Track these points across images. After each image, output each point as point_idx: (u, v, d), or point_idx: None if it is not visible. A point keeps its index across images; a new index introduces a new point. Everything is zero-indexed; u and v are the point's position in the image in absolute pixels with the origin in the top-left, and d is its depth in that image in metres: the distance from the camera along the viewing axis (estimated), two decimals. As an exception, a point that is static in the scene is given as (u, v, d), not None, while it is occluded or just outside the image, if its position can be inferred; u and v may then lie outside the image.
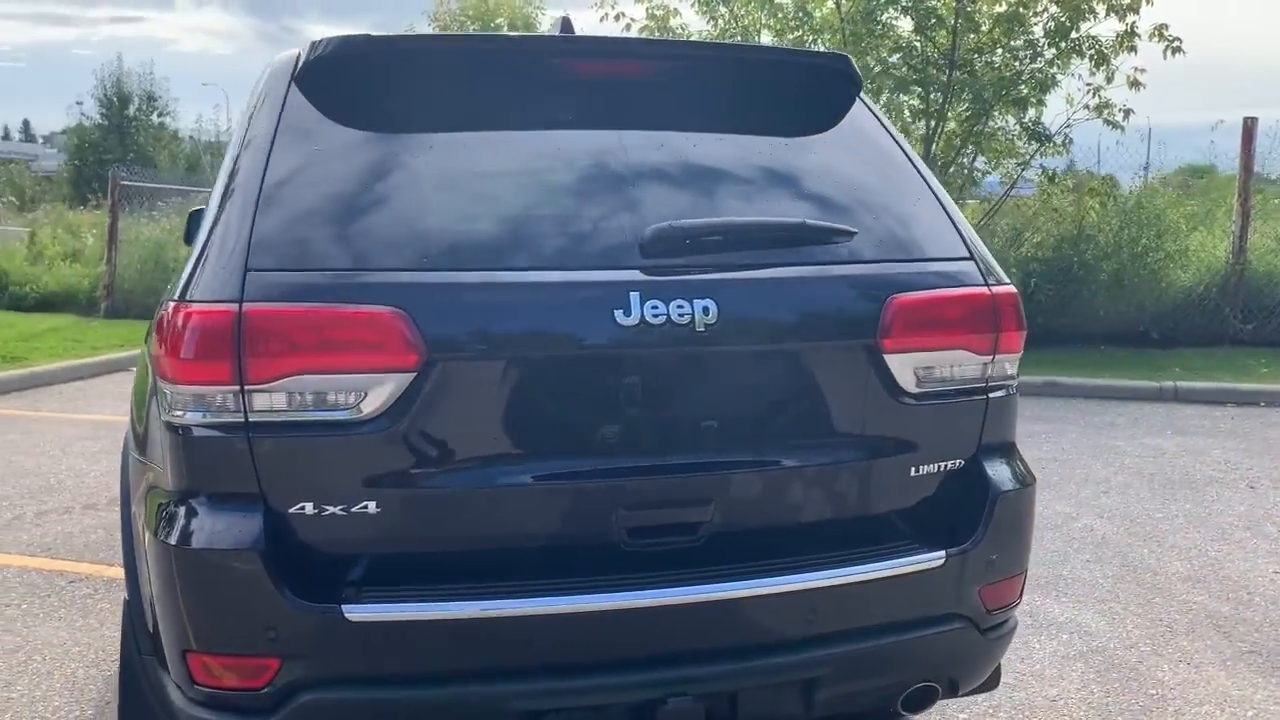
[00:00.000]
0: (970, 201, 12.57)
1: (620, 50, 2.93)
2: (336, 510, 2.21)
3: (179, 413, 2.20)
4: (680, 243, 2.32)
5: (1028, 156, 11.97)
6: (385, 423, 2.19)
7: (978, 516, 2.58)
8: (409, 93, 2.54)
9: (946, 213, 2.70)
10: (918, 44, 11.28)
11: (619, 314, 2.25)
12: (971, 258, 2.63)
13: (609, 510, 2.32)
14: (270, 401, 2.16)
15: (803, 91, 2.85)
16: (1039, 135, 11.47)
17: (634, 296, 2.26)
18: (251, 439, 2.17)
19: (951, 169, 12.01)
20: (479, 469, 2.28)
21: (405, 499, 2.24)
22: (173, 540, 2.20)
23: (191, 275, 2.25)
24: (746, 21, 11.91)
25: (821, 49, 10.99)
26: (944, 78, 11.11)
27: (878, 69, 11.06)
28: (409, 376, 2.18)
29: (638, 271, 2.31)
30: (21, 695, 3.72)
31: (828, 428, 2.49)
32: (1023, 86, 11.22)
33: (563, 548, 2.35)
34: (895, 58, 11.31)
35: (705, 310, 2.29)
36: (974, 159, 12.32)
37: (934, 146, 11.61)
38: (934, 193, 2.72)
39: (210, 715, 2.25)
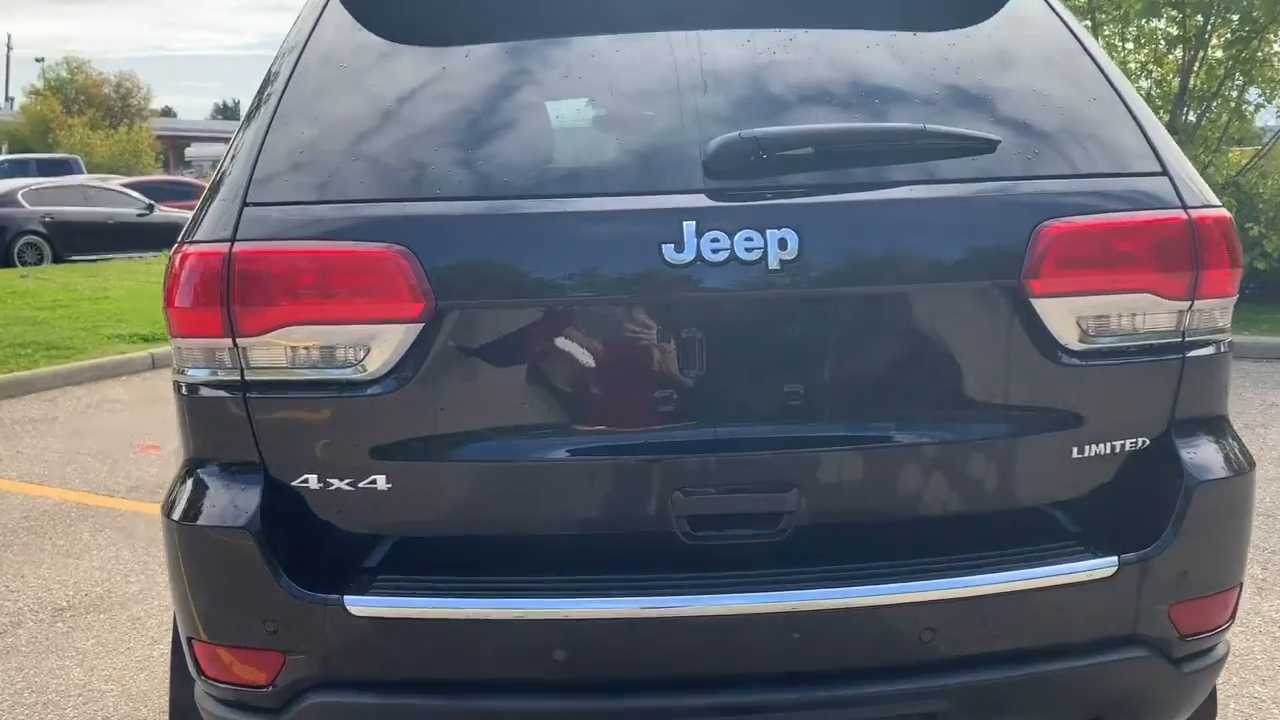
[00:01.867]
0: (1232, 149, 10.99)
1: None
2: (343, 485, 1.89)
3: (179, 370, 1.94)
4: (753, 157, 1.84)
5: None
6: (393, 383, 1.84)
7: (1166, 513, 1.96)
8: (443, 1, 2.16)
9: (1133, 115, 2.06)
10: (1173, -39, 9.91)
11: (669, 250, 1.80)
12: (1164, 172, 1.99)
13: (664, 494, 1.89)
14: (266, 357, 1.87)
15: None
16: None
17: (688, 227, 1.80)
18: (249, 400, 1.88)
19: (1215, 103, 10.54)
20: (504, 441, 1.90)
21: (419, 474, 1.89)
22: (171, 515, 1.95)
23: (198, 213, 1.98)
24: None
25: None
26: (1205, -4, 9.71)
27: (1124, -8, 9.80)
28: (416, 328, 1.82)
29: (697, 196, 1.85)
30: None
31: (954, 394, 1.95)
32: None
33: (608, 539, 1.94)
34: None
35: (782, 243, 1.80)
36: (1243, 90, 10.75)
37: (1193, 78, 10.21)
38: (1117, 91, 2.09)
39: (220, 710, 2.00)
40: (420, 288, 1.80)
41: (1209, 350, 2.03)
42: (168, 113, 71.24)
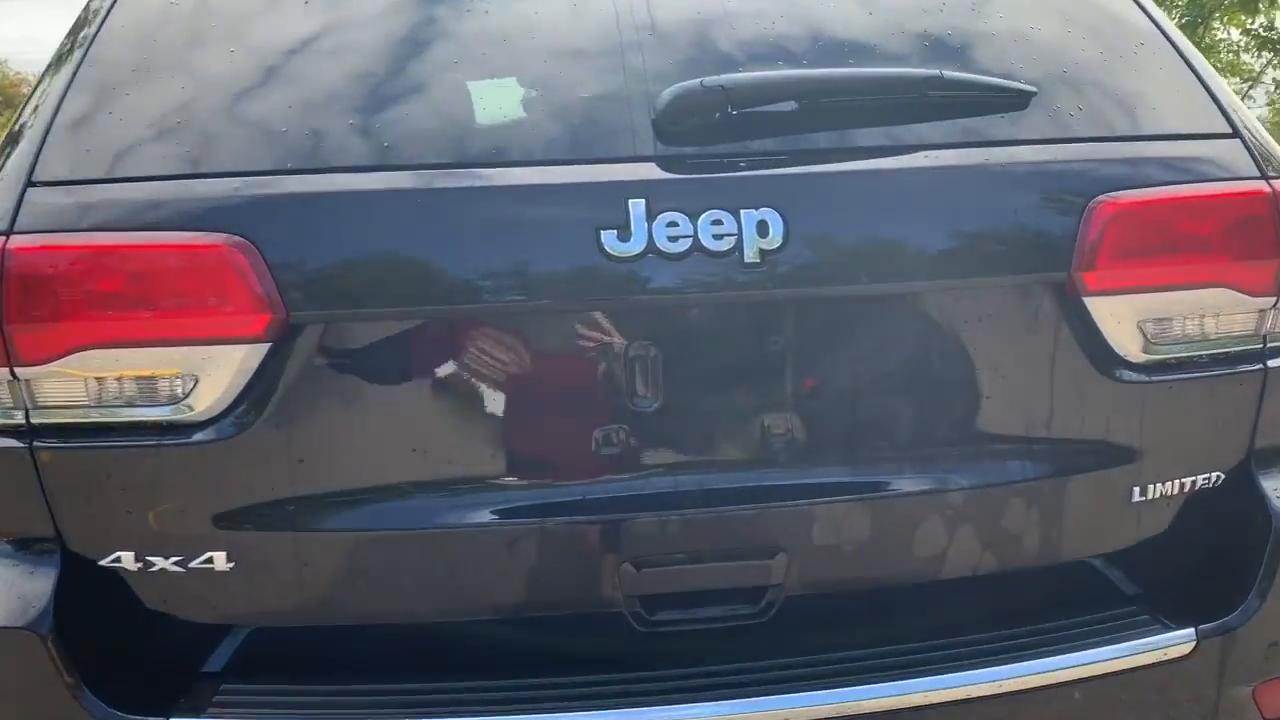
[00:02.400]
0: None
1: None
2: (169, 565, 1.39)
3: None
4: (719, 113, 1.37)
5: (1256, 71, 10.15)
6: (230, 426, 1.35)
7: (1251, 566, 1.54)
8: None
9: (1192, 68, 1.63)
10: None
11: (609, 237, 1.32)
12: (1235, 134, 1.56)
13: (609, 568, 1.42)
14: (59, 392, 1.36)
15: None
16: (1271, 43, 9.62)
17: (635, 208, 1.33)
18: (36, 452, 1.37)
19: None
20: (387, 502, 1.41)
21: (273, 548, 1.41)
22: None
23: None
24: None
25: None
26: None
27: None
28: (261, 349, 1.33)
29: (646, 165, 1.38)
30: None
31: (986, 425, 1.50)
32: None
33: (534, 630, 1.47)
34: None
35: (762, 228, 1.34)
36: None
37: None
38: (1170, 39, 1.66)
39: None
40: (266, 294, 1.31)
41: (1295, 360, 1.60)
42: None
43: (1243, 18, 9.76)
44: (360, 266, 1.34)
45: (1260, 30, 9.73)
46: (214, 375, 1.33)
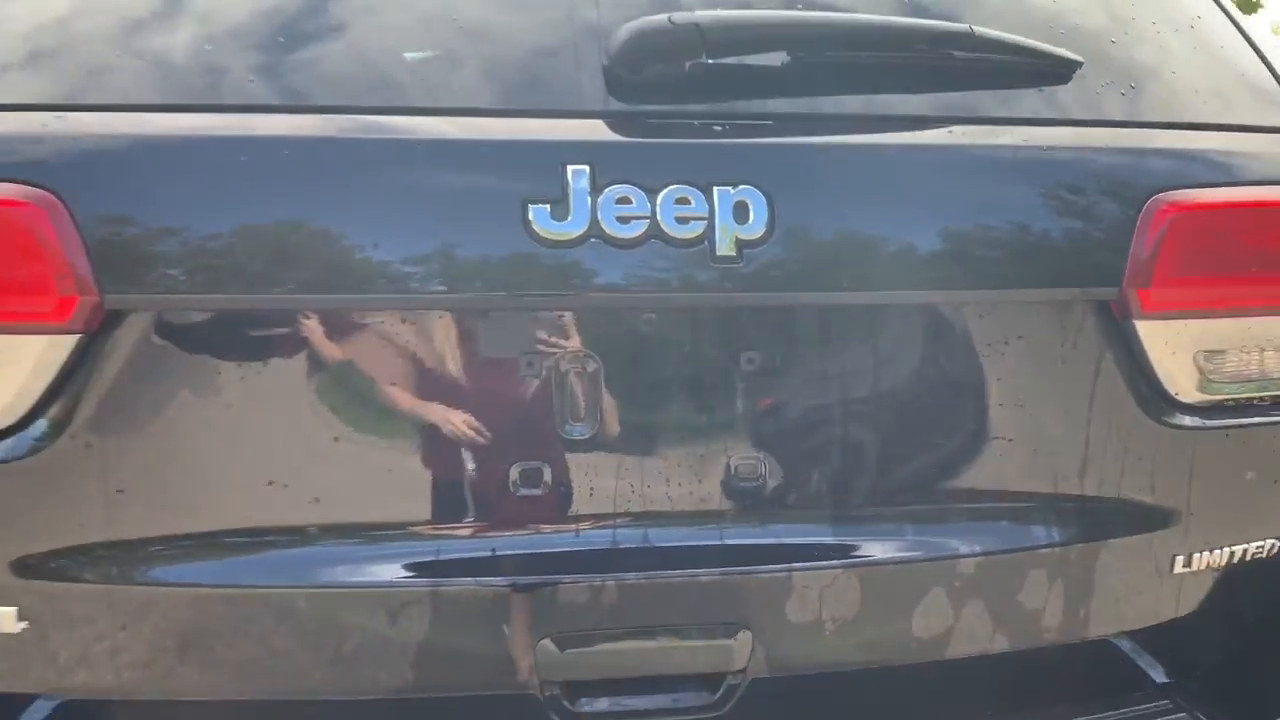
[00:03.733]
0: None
1: None
2: (-57, 622, 1.04)
3: None
4: (690, 61, 1.06)
5: None
6: (24, 442, 1.01)
7: None
8: None
9: (1256, 50, 1.36)
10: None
11: (539, 214, 1.01)
12: None
13: (523, 644, 1.10)
14: None
15: None
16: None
17: (575, 176, 1.02)
18: None
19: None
20: (236, 550, 1.08)
21: (82, 604, 1.06)
22: None
23: None
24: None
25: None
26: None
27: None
28: (67, 343, 1.00)
29: (592, 122, 1.07)
30: None
31: (1004, 477, 1.20)
32: None
33: (419, 716, 1.13)
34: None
35: (739, 211, 1.03)
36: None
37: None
38: (1232, 19, 1.39)
39: None
40: (75, 269, 0.98)
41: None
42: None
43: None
44: (209, 239, 1.00)
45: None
46: (4, 374, 1.00)
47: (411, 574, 1.09)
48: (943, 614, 1.18)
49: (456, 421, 1.08)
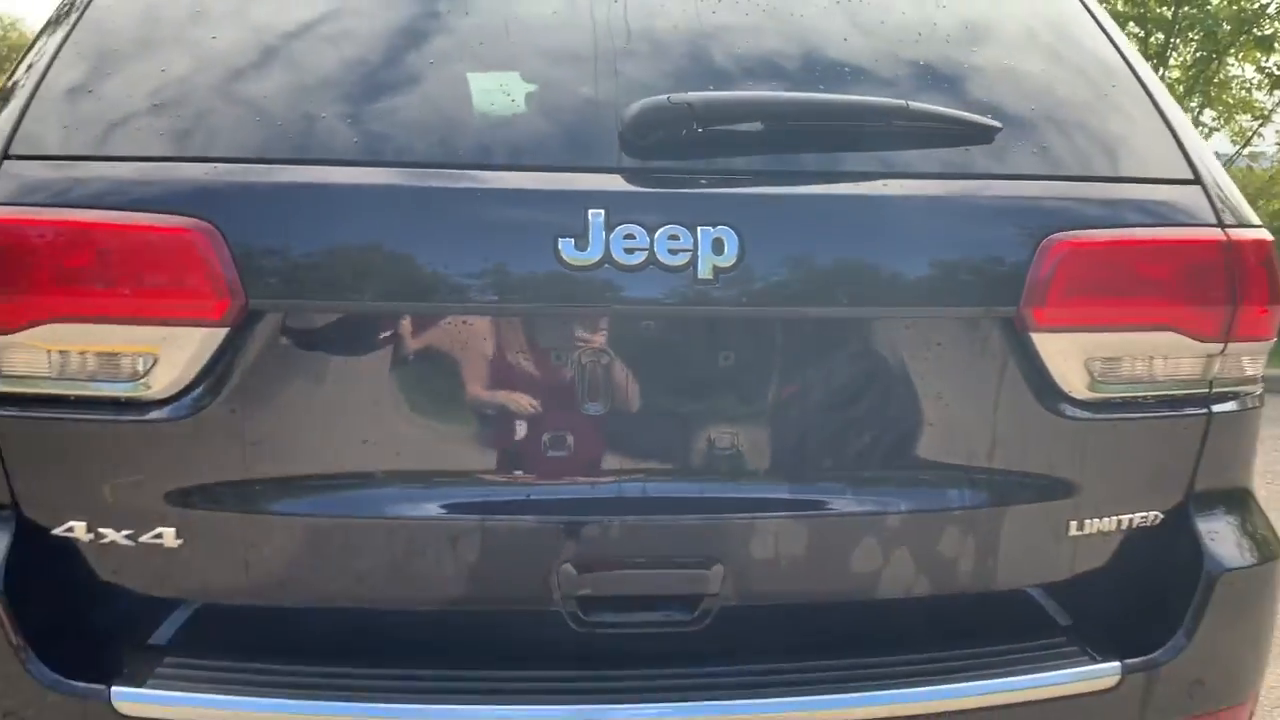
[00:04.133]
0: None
1: None
2: (119, 537, 1.42)
3: None
4: (685, 130, 1.40)
5: (1267, 110, 10.17)
6: (186, 405, 1.38)
7: (1181, 606, 1.57)
8: None
9: (1160, 112, 1.66)
10: (1140, -25, 9.67)
11: (566, 246, 1.35)
12: (1197, 180, 1.59)
13: (548, 567, 1.45)
14: (22, 362, 1.39)
15: None
16: (1283, 82, 9.68)
17: (594, 218, 1.36)
18: None
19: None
20: (336, 491, 1.45)
21: (223, 528, 1.43)
22: None
23: None
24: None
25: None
26: (1168, 14, 9.48)
27: (1088, 3, 9.55)
28: (219, 333, 1.36)
29: (610, 176, 1.41)
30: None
31: (927, 452, 1.53)
32: (1268, 22, 9.41)
33: (471, 623, 1.50)
34: (1112, -9, 9.74)
35: (718, 245, 1.37)
36: (1199, 112, 10.57)
37: (1152, 95, 10.02)
38: (1143, 83, 1.69)
39: None
40: (227, 279, 1.34)
41: (1238, 405, 1.64)
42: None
43: (1258, 55, 9.79)
44: (322, 259, 1.37)
45: (1275, 69, 9.76)
46: (172, 356, 1.36)
47: (467, 512, 1.44)
48: (875, 559, 1.51)
49: (502, 398, 1.44)
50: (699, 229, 1.37)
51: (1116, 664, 1.52)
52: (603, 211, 1.36)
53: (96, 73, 1.48)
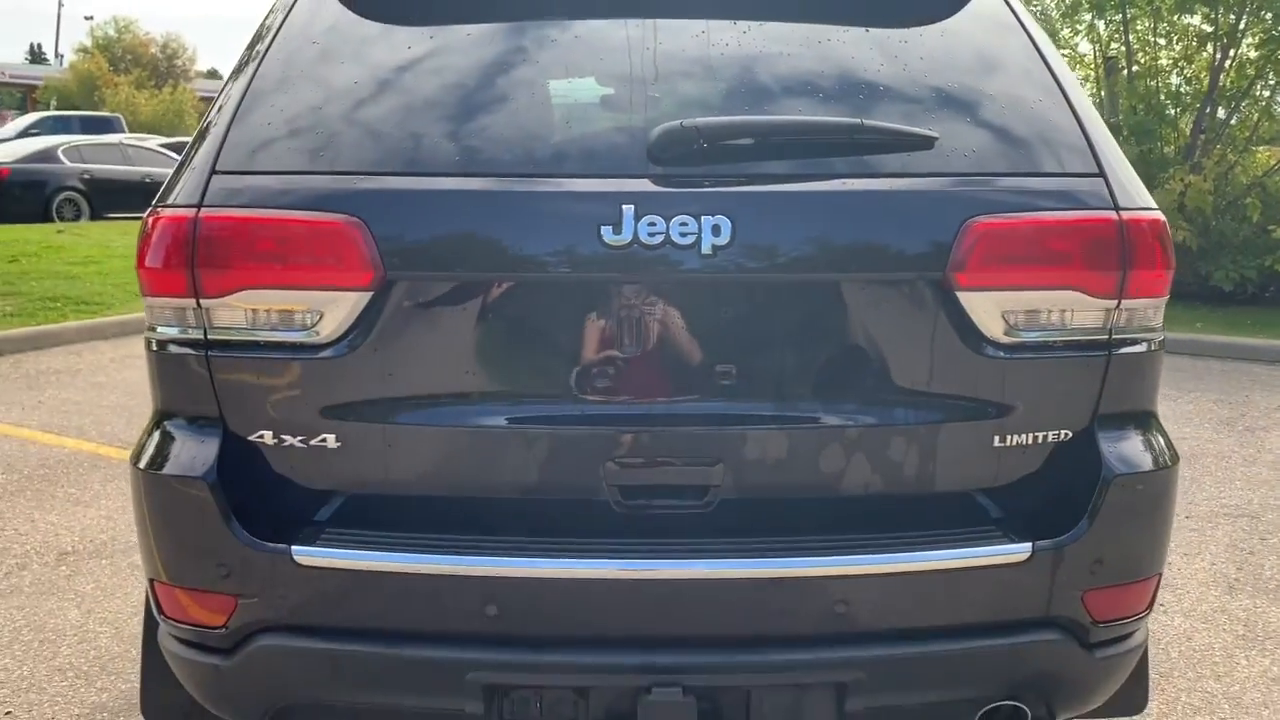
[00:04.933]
0: (1260, 149, 10.86)
1: None
2: (295, 442, 2.00)
3: (150, 327, 2.06)
4: (694, 146, 1.91)
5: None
6: (344, 347, 1.95)
7: (1083, 503, 2.03)
8: None
9: (1078, 120, 2.11)
10: (1209, -45, 9.78)
11: (606, 231, 1.88)
12: (1100, 174, 2.05)
13: (595, 464, 1.98)
14: (227, 317, 1.98)
15: None
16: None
17: (627, 211, 1.88)
18: (210, 358, 1.99)
19: (1245, 102, 10.42)
20: (444, 407, 2.00)
21: (367, 434, 2.00)
22: (138, 463, 2.07)
23: (172, 179, 2.09)
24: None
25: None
26: (1239, -6, 9.59)
27: (1156, -15, 9.70)
28: (366, 296, 1.93)
29: (639, 180, 1.93)
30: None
31: (878, 380, 2.02)
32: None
33: (544, 503, 2.04)
34: (1178, -29, 9.87)
35: (715, 229, 1.89)
36: (1275, 91, 10.61)
37: (1223, 77, 10.10)
38: (1066, 96, 2.14)
39: (179, 649, 2.12)
40: (371, 258, 1.90)
41: (1137, 348, 2.08)
42: (212, 74, 71.68)
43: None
44: (437, 242, 1.93)
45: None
46: (334, 312, 1.94)
47: (539, 424, 1.99)
48: (841, 462, 2.02)
49: (563, 340, 1.98)
50: (703, 217, 1.89)
51: (1028, 544, 1.99)
52: (633, 206, 1.89)
53: (273, 108, 2.06)
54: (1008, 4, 2.31)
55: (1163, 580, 2.24)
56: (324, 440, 1.99)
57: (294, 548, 1.96)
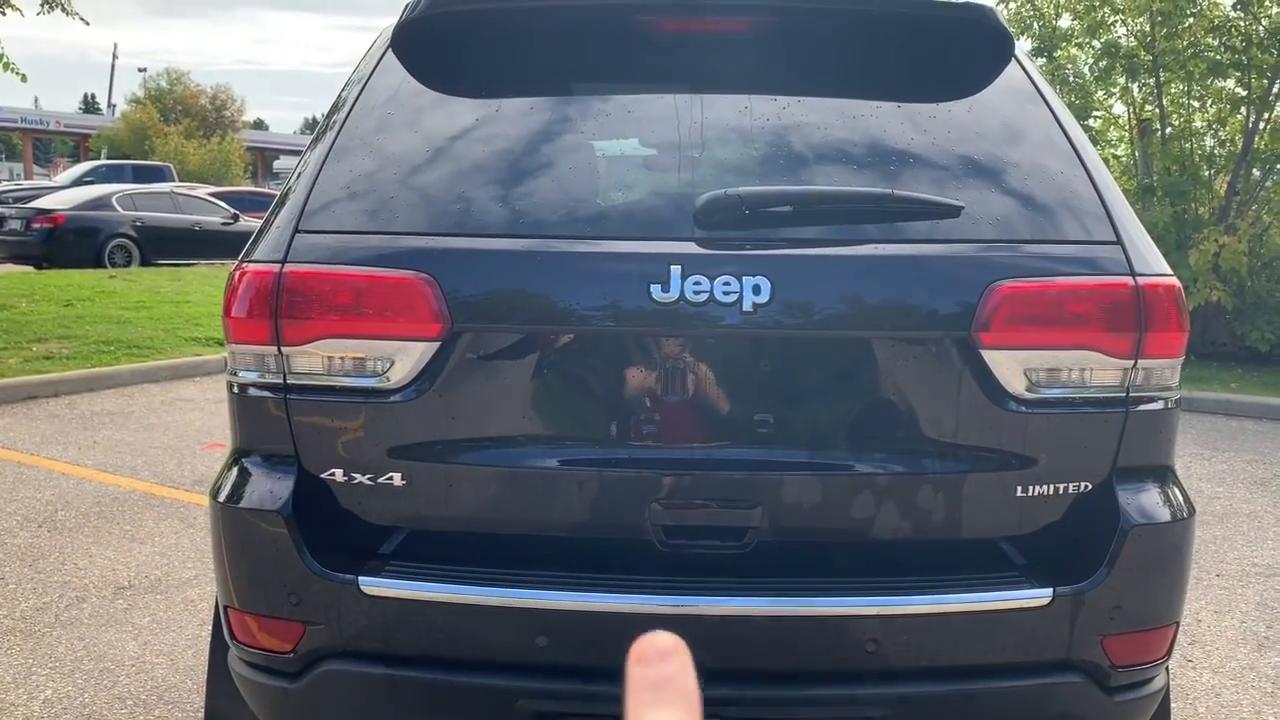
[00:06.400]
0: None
1: (716, 5, 2.55)
2: (364, 479, 2.16)
3: (233, 371, 2.24)
4: (736, 213, 2.08)
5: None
6: (412, 392, 2.11)
7: (1103, 551, 2.15)
8: (489, 51, 2.45)
9: (1096, 189, 2.25)
10: (1240, 22, 9.93)
11: (656, 289, 2.04)
12: (1118, 241, 2.18)
13: (641, 505, 2.13)
14: (305, 364, 2.15)
15: (932, 49, 2.49)
16: None
17: (674, 271, 2.05)
18: (288, 401, 2.16)
19: (1279, 165, 10.50)
20: (503, 449, 2.15)
21: (430, 473, 2.15)
22: (217, 497, 2.23)
23: (257, 236, 2.28)
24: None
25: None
26: (1271, 58, 9.71)
27: (1188, 51, 9.84)
28: (434, 346, 2.09)
29: (686, 244, 2.09)
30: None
31: (907, 431, 2.16)
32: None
33: (593, 541, 2.18)
34: (1210, 38, 10.01)
35: (756, 289, 2.04)
36: (1310, 153, 10.69)
37: (1257, 139, 10.19)
38: (1085, 166, 2.28)
39: (248, 673, 2.27)
40: (440, 311, 2.07)
41: (1154, 405, 2.20)
42: (259, 125, 73.44)
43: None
44: (500, 297, 2.10)
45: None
46: (404, 360, 2.10)
47: (588, 466, 2.14)
48: (872, 508, 2.15)
49: (612, 390, 2.14)
50: (744, 277, 2.04)
51: (1049, 590, 2.11)
52: (680, 266, 2.05)
53: (350, 172, 2.25)
54: (1028, 75, 2.47)
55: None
56: (390, 479, 2.15)
57: (361, 578, 2.11)
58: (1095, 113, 11.60)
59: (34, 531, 5.26)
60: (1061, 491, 2.18)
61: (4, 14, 11.47)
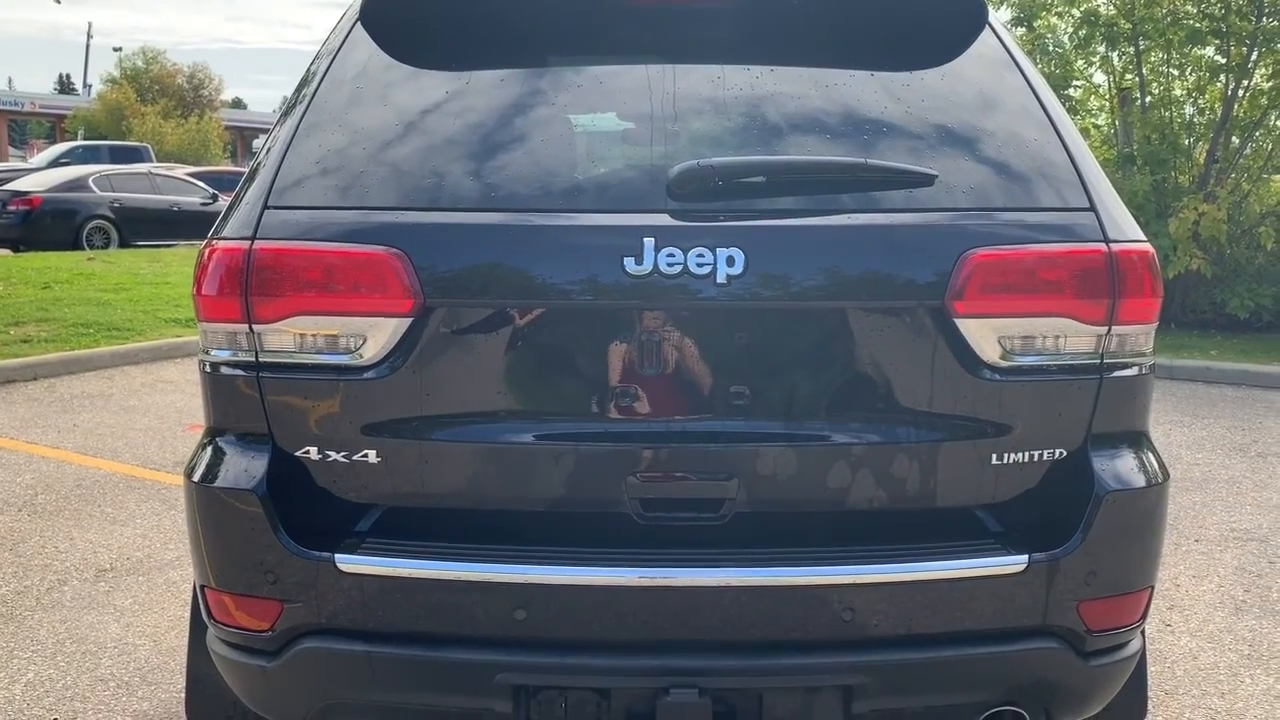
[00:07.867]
0: (1274, 178, 10.95)
1: None
2: (339, 457, 2.15)
3: (204, 350, 2.22)
4: (709, 184, 2.06)
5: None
6: (385, 369, 2.10)
7: (1077, 518, 2.16)
8: (459, 23, 2.42)
9: (1070, 156, 2.24)
10: (1219, -11, 9.93)
11: (629, 262, 2.03)
12: (1091, 208, 2.18)
13: (617, 479, 2.12)
14: (277, 341, 2.13)
15: (906, 17, 2.47)
16: None
17: (648, 243, 2.03)
18: (261, 379, 2.15)
19: (1259, 132, 10.52)
20: (478, 424, 2.14)
21: (405, 450, 2.14)
22: (191, 477, 2.22)
23: (226, 213, 2.26)
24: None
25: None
26: (1250, 25, 9.71)
27: (1167, 19, 9.83)
28: (406, 322, 2.08)
29: (659, 215, 2.08)
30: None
31: (882, 401, 2.15)
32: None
33: (570, 515, 2.18)
34: (1189, 6, 10.00)
35: (729, 260, 2.03)
36: (1290, 122, 10.73)
37: (1236, 107, 10.21)
38: (1059, 134, 2.27)
39: (229, 653, 2.26)
40: (411, 287, 2.05)
41: (1128, 371, 2.21)
42: (237, 104, 72.72)
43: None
44: (472, 272, 2.08)
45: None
46: (376, 336, 2.09)
47: (565, 440, 2.13)
48: (846, 477, 2.15)
49: (587, 363, 2.13)
50: (718, 249, 2.03)
51: (1024, 556, 2.11)
52: (653, 239, 2.03)
53: (319, 148, 2.22)
54: (1003, 43, 2.45)
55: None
56: (365, 456, 2.14)
57: (337, 556, 2.10)
58: (1075, 82, 11.60)
59: (14, 515, 5.23)
60: (1036, 459, 2.18)
61: None
